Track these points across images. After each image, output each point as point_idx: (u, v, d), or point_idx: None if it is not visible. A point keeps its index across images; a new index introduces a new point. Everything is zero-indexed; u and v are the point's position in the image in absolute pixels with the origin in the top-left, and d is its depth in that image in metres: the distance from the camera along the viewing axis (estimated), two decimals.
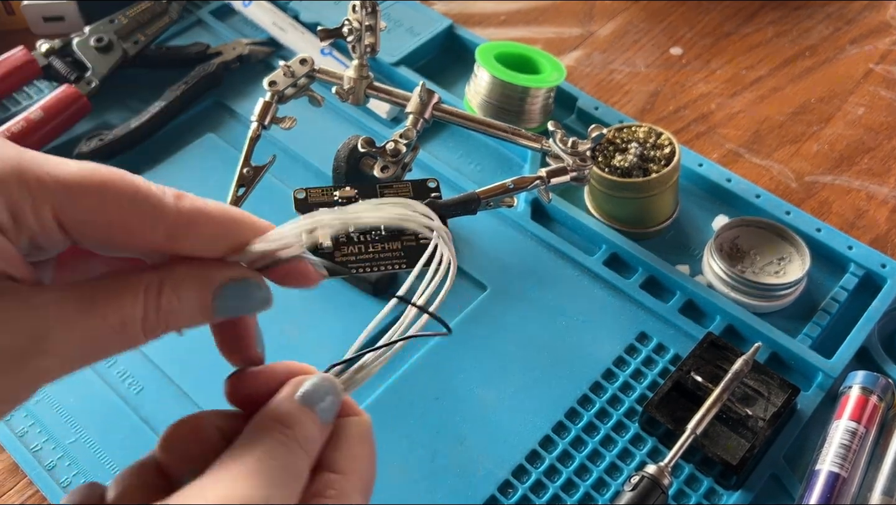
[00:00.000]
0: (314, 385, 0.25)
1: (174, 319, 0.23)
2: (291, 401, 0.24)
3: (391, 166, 0.42)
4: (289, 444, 0.23)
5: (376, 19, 0.45)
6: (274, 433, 0.23)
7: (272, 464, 0.22)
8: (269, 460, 0.22)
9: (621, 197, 0.49)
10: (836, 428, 0.40)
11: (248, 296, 0.25)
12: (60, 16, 0.60)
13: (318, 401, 0.25)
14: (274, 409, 0.24)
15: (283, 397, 0.24)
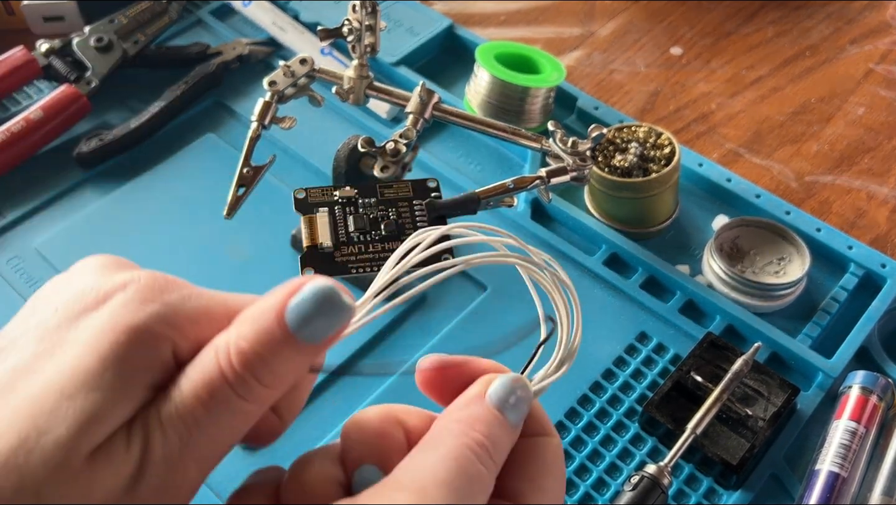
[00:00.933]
0: (504, 385, 0.24)
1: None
2: (482, 402, 0.23)
3: (391, 166, 0.42)
4: (479, 452, 0.21)
5: (376, 19, 0.45)
6: (465, 438, 0.22)
7: (462, 473, 0.21)
8: (459, 469, 0.21)
9: (621, 197, 0.49)
10: (836, 428, 0.40)
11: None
12: (60, 16, 0.60)
13: (508, 403, 0.23)
14: (464, 409, 0.23)
15: (472, 396, 0.23)
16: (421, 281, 0.26)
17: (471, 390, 0.24)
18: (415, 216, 0.39)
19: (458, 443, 0.21)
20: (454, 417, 0.23)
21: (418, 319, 0.46)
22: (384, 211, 0.39)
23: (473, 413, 0.23)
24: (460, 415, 0.23)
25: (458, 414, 0.23)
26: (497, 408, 0.23)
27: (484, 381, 0.24)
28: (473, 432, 0.22)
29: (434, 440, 0.22)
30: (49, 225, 0.50)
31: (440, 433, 0.22)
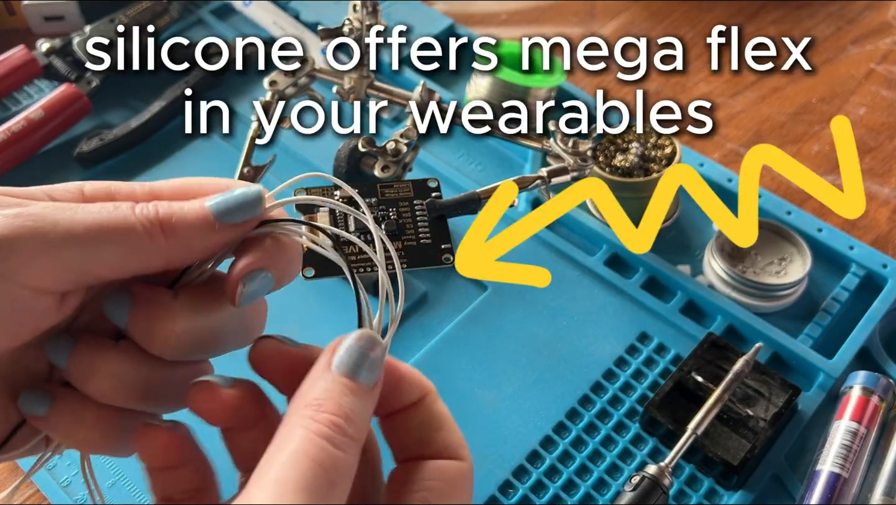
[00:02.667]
0: (349, 347, 0.22)
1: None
2: (325, 374, 0.22)
3: (392, 166, 0.42)
4: (332, 436, 0.21)
5: (377, 18, 0.45)
6: (313, 426, 0.21)
7: (316, 468, 0.20)
8: (312, 465, 0.20)
9: (622, 197, 0.49)
10: (837, 428, 0.40)
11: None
12: (61, 15, 0.60)
13: (358, 366, 0.22)
14: (311, 389, 0.22)
15: (318, 371, 0.22)
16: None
17: (317, 363, 0.23)
18: (415, 216, 0.39)
19: (306, 435, 0.20)
20: (302, 401, 0.22)
21: (418, 319, 0.46)
22: (385, 211, 0.39)
23: (321, 390, 0.22)
24: (307, 398, 0.22)
25: (306, 397, 0.22)
26: (347, 375, 0.22)
27: (329, 348, 0.23)
28: (322, 415, 0.21)
29: (284, 437, 0.21)
30: None
31: (289, 426, 0.21)
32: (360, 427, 0.21)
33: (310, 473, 0.20)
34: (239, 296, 0.24)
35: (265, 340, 0.25)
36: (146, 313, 0.24)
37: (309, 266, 0.35)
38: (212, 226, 0.24)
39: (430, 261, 0.39)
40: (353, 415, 0.21)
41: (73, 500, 0.38)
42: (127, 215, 0.23)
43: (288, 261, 0.25)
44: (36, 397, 0.24)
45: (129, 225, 0.23)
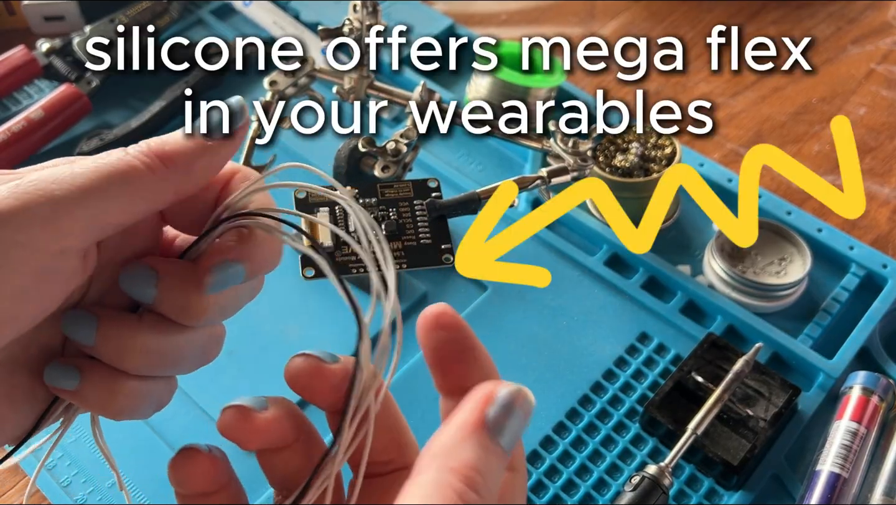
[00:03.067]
0: (505, 405, 0.21)
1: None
2: (476, 437, 0.21)
3: (392, 166, 0.42)
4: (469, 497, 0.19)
5: (377, 18, 0.45)
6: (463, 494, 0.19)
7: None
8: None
9: (622, 197, 0.48)
10: (837, 428, 0.40)
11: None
12: (61, 15, 0.60)
13: (506, 426, 0.21)
14: (451, 447, 0.20)
15: (466, 429, 0.21)
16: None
17: (462, 417, 0.21)
18: (415, 216, 0.39)
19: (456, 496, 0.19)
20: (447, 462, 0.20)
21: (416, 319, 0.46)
22: (385, 211, 0.39)
23: (472, 458, 0.20)
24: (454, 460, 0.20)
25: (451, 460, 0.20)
26: (493, 436, 0.21)
27: (479, 400, 0.21)
28: (471, 494, 0.20)
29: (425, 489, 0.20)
30: None
31: (432, 485, 0.20)
32: (492, 490, 0.20)
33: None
34: (207, 285, 0.24)
35: (299, 358, 0.25)
36: (181, 287, 0.24)
37: (309, 266, 0.35)
38: (203, 145, 0.24)
39: (430, 261, 0.39)
40: (492, 484, 0.20)
41: (73, 500, 0.38)
42: (121, 157, 0.23)
43: (262, 254, 0.25)
44: (64, 371, 0.25)
45: (129, 164, 0.23)
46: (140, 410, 0.26)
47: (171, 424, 0.41)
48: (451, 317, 0.24)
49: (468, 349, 0.24)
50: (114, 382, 0.25)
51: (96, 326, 0.24)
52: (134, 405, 0.25)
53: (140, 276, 0.24)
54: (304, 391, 0.25)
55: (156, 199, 0.24)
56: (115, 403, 0.25)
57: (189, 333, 0.25)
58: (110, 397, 0.25)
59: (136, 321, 0.25)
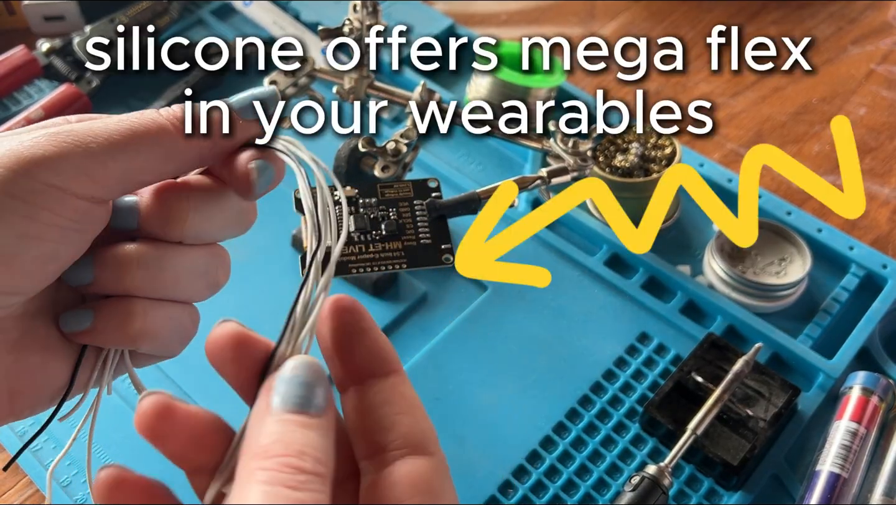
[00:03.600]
0: (287, 382, 0.21)
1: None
2: (266, 417, 0.20)
3: (392, 166, 0.42)
4: (282, 480, 0.19)
5: (377, 18, 0.45)
6: (261, 475, 0.19)
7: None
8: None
9: (622, 197, 0.48)
10: (837, 429, 0.40)
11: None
12: (61, 15, 0.60)
13: (301, 398, 0.21)
14: (252, 439, 0.20)
15: (257, 416, 0.21)
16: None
17: (256, 405, 0.21)
18: (415, 216, 0.39)
19: (260, 489, 0.19)
20: (249, 452, 0.20)
21: (418, 320, 0.46)
22: (385, 211, 0.39)
23: (266, 435, 0.20)
24: (254, 449, 0.20)
25: (252, 448, 0.20)
26: (291, 411, 0.20)
27: (266, 387, 0.21)
28: (270, 460, 0.19)
29: (240, 496, 0.19)
30: None
31: (242, 482, 0.19)
32: (319, 459, 0.20)
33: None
34: (253, 182, 0.26)
35: (227, 323, 0.23)
36: (161, 200, 0.26)
37: None
38: (236, 120, 0.26)
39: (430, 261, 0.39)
40: (307, 449, 0.20)
41: (72, 500, 0.39)
42: (155, 118, 0.25)
43: (281, 163, 0.28)
44: (76, 314, 0.26)
45: (162, 126, 0.25)
46: (161, 335, 0.26)
47: None
48: (348, 301, 0.24)
49: (365, 333, 0.24)
50: (123, 306, 0.26)
51: (92, 262, 0.25)
52: (152, 328, 0.26)
53: (121, 205, 0.26)
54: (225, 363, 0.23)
55: (183, 163, 0.25)
56: (131, 326, 0.25)
57: (181, 250, 0.26)
58: (126, 321, 0.25)
59: (128, 243, 0.26)
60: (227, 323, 0.23)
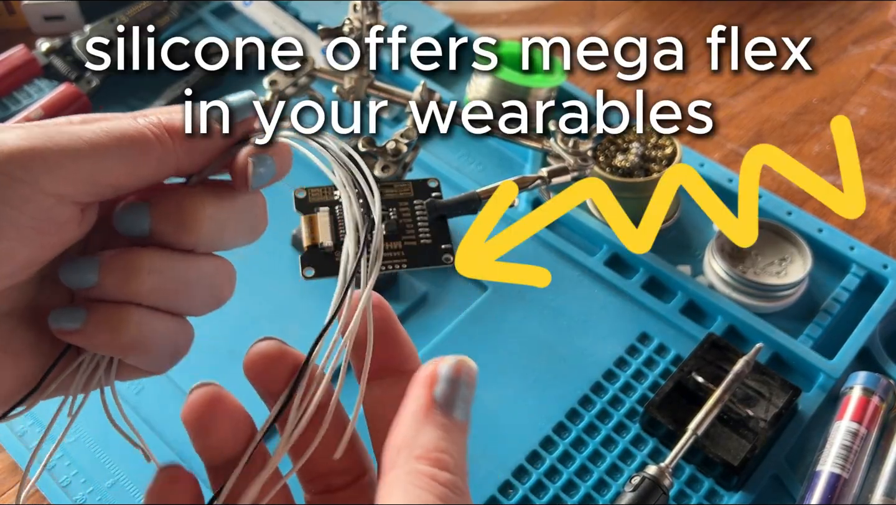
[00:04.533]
0: (450, 381, 0.21)
1: None
2: (430, 417, 0.20)
3: (392, 166, 0.42)
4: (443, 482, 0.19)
5: (377, 18, 0.45)
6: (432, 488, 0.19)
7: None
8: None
9: (622, 197, 0.48)
10: (838, 429, 0.40)
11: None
12: (61, 15, 0.60)
13: (456, 400, 0.21)
14: (412, 437, 0.20)
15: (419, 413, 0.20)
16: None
17: (413, 403, 0.21)
18: (415, 216, 0.39)
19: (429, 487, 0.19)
20: (410, 452, 0.20)
21: (419, 319, 0.46)
22: (384, 211, 0.39)
23: (433, 440, 0.20)
24: (417, 450, 0.20)
25: (415, 449, 0.20)
26: (446, 413, 0.21)
27: (426, 382, 0.21)
28: (443, 475, 0.19)
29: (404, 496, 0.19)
30: None
31: (404, 483, 0.20)
32: (461, 462, 0.20)
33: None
34: (251, 176, 0.25)
35: (264, 341, 0.25)
36: (176, 204, 0.25)
37: (309, 266, 0.35)
38: (213, 126, 0.25)
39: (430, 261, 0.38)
40: (456, 451, 0.20)
41: (72, 500, 0.38)
42: (132, 123, 0.24)
43: (282, 154, 0.27)
44: (69, 312, 0.24)
45: (139, 131, 0.24)
46: (154, 348, 0.25)
47: (172, 425, 0.41)
48: (377, 298, 0.24)
49: (391, 330, 0.24)
50: (120, 312, 0.24)
51: (98, 264, 0.24)
52: (145, 339, 0.25)
53: (133, 207, 0.25)
54: (260, 376, 0.24)
55: (158, 169, 0.24)
56: (123, 334, 0.24)
57: (192, 259, 0.25)
58: (118, 328, 0.24)
59: (138, 248, 0.25)
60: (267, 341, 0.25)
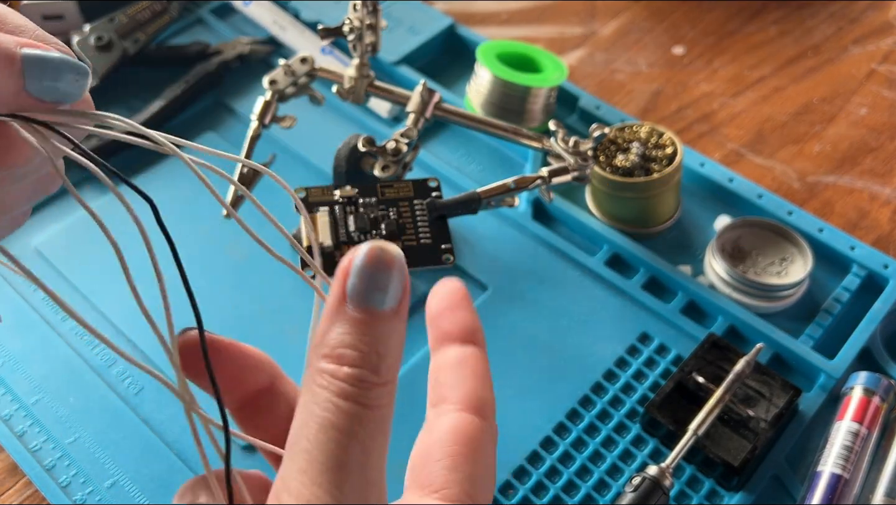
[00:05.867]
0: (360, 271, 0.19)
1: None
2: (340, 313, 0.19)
3: (392, 166, 0.42)
4: (355, 395, 0.18)
5: (377, 18, 0.45)
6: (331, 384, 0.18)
7: (339, 441, 0.18)
8: (336, 437, 0.18)
9: (623, 197, 0.49)
10: (838, 429, 0.40)
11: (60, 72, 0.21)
12: (60, 14, 0.60)
13: (376, 290, 0.19)
14: (322, 336, 0.19)
15: (330, 310, 0.19)
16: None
17: (330, 297, 0.19)
18: (415, 216, 0.39)
19: (329, 401, 0.18)
20: (318, 352, 0.19)
21: (419, 319, 0.46)
22: (385, 210, 0.39)
23: (339, 336, 0.19)
24: (325, 348, 0.19)
25: (322, 348, 0.19)
26: (365, 305, 0.19)
27: (339, 278, 0.19)
28: (344, 370, 0.18)
29: (306, 407, 0.19)
30: (48, 224, 0.50)
31: (309, 389, 0.19)
32: (391, 364, 0.19)
33: (341, 448, 0.18)
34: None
35: (191, 331, 0.22)
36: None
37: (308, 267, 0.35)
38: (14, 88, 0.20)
39: (430, 261, 0.38)
40: (383, 351, 0.19)
41: (71, 500, 0.38)
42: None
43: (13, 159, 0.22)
44: None
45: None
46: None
47: (171, 425, 0.41)
48: (459, 283, 0.25)
49: (464, 305, 0.25)
50: None
51: None
52: None
53: None
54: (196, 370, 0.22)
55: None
56: None
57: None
58: None
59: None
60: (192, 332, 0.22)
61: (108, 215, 0.22)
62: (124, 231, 0.22)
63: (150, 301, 0.20)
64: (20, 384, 0.42)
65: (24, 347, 0.44)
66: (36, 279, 0.20)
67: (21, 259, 0.22)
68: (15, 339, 0.44)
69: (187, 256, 0.52)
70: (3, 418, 0.41)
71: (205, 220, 0.49)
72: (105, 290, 0.46)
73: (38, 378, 0.43)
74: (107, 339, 0.20)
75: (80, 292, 0.46)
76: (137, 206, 0.21)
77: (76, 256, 0.48)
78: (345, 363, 0.19)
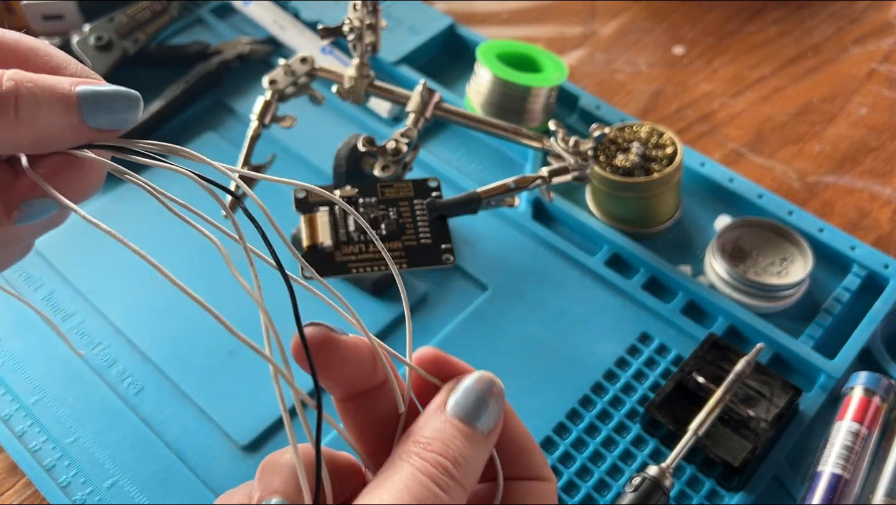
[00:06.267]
0: (467, 390, 0.22)
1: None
2: (439, 415, 0.21)
3: (392, 165, 0.42)
4: (437, 476, 0.20)
5: (377, 18, 0.45)
6: (419, 463, 0.20)
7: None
8: (409, 500, 0.19)
9: (623, 197, 0.49)
10: (839, 429, 0.40)
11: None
12: (60, 14, 0.60)
13: (475, 410, 0.21)
14: (423, 426, 0.21)
15: (433, 409, 0.21)
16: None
17: (433, 402, 0.22)
18: (415, 216, 0.39)
19: (411, 472, 0.20)
20: (412, 438, 0.21)
21: (419, 320, 0.46)
22: (385, 211, 0.39)
23: (431, 430, 0.21)
24: (417, 435, 0.21)
25: (415, 435, 0.21)
26: (461, 419, 0.21)
27: (447, 388, 0.22)
28: (429, 454, 0.20)
29: (389, 470, 0.20)
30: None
31: (395, 461, 0.20)
32: (468, 473, 0.20)
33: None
34: (16, 217, 0.22)
35: (310, 327, 0.24)
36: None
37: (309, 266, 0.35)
38: (76, 124, 0.21)
39: (430, 261, 0.38)
40: (462, 460, 0.20)
41: (71, 500, 0.38)
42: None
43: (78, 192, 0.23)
44: None
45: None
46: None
47: (171, 425, 0.41)
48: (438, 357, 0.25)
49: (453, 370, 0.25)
50: None
51: None
52: None
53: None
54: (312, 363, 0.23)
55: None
56: None
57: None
58: None
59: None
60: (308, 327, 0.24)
61: (109, 215, 0.22)
62: (125, 232, 0.22)
63: (150, 301, 0.20)
64: (20, 384, 0.42)
65: (24, 347, 0.44)
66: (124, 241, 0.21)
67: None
68: (15, 339, 0.44)
69: (188, 255, 0.52)
70: (3, 418, 0.41)
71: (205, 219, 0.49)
72: (105, 290, 0.46)
73: (38, 378, 0.43)
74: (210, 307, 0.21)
75: (80, 292, 0.46)
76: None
77: (76, 256, 0.48)
78: (431, 450, 0.20)
